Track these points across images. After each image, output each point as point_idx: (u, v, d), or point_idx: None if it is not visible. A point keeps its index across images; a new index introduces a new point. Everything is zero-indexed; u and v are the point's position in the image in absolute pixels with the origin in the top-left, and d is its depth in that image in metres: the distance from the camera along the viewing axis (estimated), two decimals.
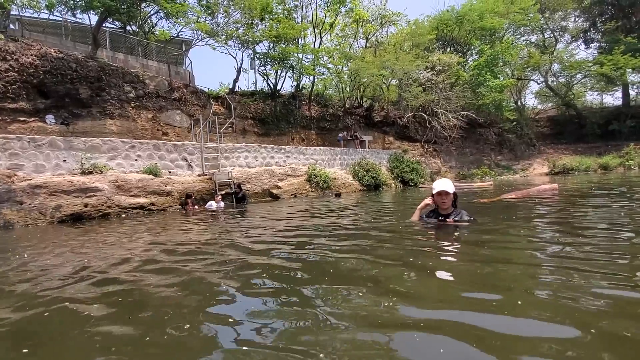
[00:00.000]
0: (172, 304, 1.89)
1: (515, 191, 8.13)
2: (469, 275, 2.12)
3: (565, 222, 4.20)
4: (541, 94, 35.96)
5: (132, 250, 3.81)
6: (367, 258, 2.66)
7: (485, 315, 1.48)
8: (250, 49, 18.62)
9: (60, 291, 2.24)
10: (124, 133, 12.70)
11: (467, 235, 3.36)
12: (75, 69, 12.04)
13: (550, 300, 1.62)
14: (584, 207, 5.45)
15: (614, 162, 25.09)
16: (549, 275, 2.01)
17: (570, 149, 30.12)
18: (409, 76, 21.61)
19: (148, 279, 2.48)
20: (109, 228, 6.34)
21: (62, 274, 2.78)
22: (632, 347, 1.17)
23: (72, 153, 9.41)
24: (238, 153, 13.67)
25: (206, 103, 16.16)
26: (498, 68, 26.15)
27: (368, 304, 1.72)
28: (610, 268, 2.07)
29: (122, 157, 10.39)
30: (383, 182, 17.20)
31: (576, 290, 1.70)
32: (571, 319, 1.39)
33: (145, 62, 15.70)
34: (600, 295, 1.62)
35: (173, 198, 10.14)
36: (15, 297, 2.19)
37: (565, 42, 33.29)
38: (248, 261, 2.86)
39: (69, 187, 8.37)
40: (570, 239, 3.05)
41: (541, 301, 1.62)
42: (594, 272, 1.96)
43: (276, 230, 4.85)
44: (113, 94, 12.81)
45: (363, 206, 8.22)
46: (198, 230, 5.44)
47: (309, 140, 20.01)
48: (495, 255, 2.59)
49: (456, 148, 26.11)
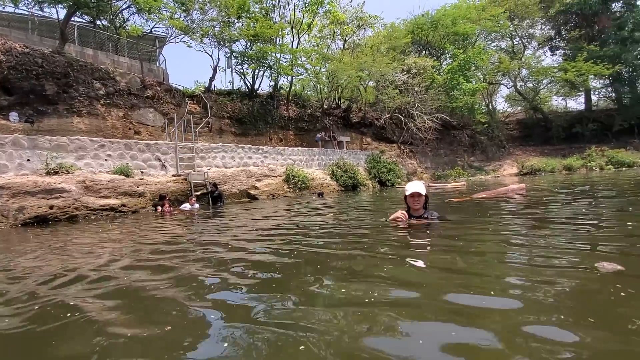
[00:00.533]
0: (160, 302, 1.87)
1: (486, 191, 8.46)
2: (444, 262, 2.26)
3: (533, 217, 4.44)
4: (511, 98, 37.55)
5: (103, 253, 3.69)
6: (345, 253, 2.76)
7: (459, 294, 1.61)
8: (226, 47, 18.37)
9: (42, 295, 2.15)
10: (93, 132, 12.21)
11: (440, 231, 3.49)
12: (41, 64, 11.47)
13: (520, 282, 1.82)
14: (550, 204, 5.78)
15: (577, 164, 26.56)
16: (518, 263, 2.23)
17: (538, 151, 31.61)
18: (385, 78, 22.02)
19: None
20: (78, 230, 6.09)
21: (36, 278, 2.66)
22: (592, 315, 1.40)
23: (37, 152, 8.95)
24: (214, 153, 13.45)
25: (181, 102, 15.78)
26: (470, 72, 27.12)
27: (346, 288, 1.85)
28: (573, 254, 2.35)
29: (91, 156, 9.99)
30: (361, 183, 17.41)
31: (541, 274, 1.92)
32: (536, 296, 1.60)
33: (116, 58, 15.16)
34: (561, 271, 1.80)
35: (146, 199, 9.84)
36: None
37: (533, 48, 35.02)
38: (227, 259, 2.85)
39: (33, 188, 7.95)
40: (537, 232, 3.28)
41: (511, 284, 1.80)
42: (557, 256, 2.21)
43: (260, 229, 4.83)
44: (81, 91, 12.28)
45: (341, 206, 8.30)
46: (171, 231, 5.32)
47: (287, 140, 19.96)
48: (467, 246, 2.77)
49: (431, 149, 26.80)
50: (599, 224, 3.62)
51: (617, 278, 1.77)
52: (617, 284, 1.69)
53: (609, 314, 1.42)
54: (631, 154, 26.76)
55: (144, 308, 1.86)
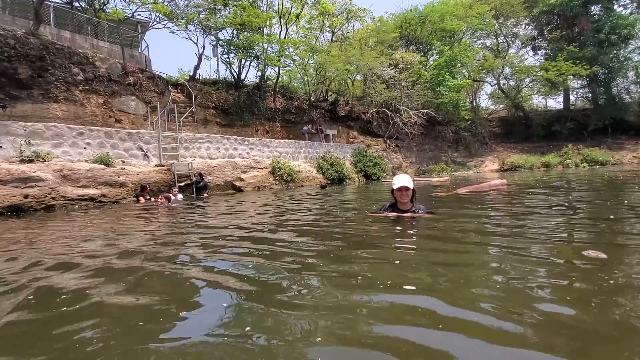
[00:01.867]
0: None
1: (469, 186, 8.62)
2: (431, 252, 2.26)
3: (517, 210, 4.53)
4: (494, 96, 38.28)
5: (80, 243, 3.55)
6: (333, 244, 2.73)
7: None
8: (212, 35, 17.88)
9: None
10: (70, 119, 11.71)
11: (428, 223, 3.52)
12: (13, 45, 10.86)
13: (499, 267, 1.85)
14: (531, 197, 5.94)
15: (555, 161, 27.46)
16: (499, 251, 2.26)
17: (518, 148, 32.46)
18: (373, 72, 22.02)
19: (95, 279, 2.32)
20: (55, 221, 5.85)
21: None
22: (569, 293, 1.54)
23: (10, 139, 8.53)
24: (199, 143, 13.17)
25: (164, 90, 15.32)
26: (456, 69, 27.44)
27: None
28: (551, 242, 2.47)
29: (69, 144, 9.60)
30: (347, 176, 17.46)
31: (523, 262, 2.00)
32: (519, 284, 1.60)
33: (95, 43, 14.53)
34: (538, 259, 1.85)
35: (127, 189, 9.56)
36: None
37: (516, 47, 35.75)
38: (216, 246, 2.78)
39: (5, 177, 7.58)
40: (519, 222, 3.36)
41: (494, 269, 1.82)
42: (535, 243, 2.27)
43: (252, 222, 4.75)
44: (58, 76, 11.72)
45: (329, 198, 8.29)
46: (147, 223, 5.18)
47: (274, 132, 19.75)
48: (454, 236, 2.79)
49: (416, 144, 27.10)
50: (579, 216, 3.75)
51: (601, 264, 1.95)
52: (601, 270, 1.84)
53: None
54: (604, 152, 27.87)
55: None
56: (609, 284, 1.64)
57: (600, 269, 1.86)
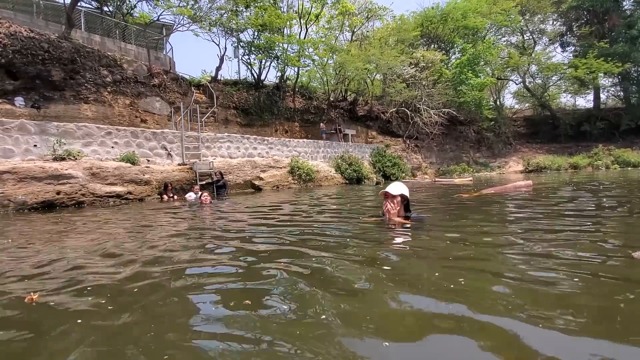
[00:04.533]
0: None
1: (493, 187, 8.39)
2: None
3: (545, 212, 4.37)
4: (519, 94, 37.07)
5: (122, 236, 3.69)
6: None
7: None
8: (234, 36, 18.19)
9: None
10: (99, 119, 12.20)
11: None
12: (47, 49, 11.41)
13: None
14: (566, 200, 5.73)
15: (584, 162, 26.31)
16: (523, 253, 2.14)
17: (544, 148, 31.31)
18: (393, 71, 21.78)
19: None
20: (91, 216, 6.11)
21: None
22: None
23: (44, 138, 8.96)
24: (220, 143, 13.42)
25: (187, 90, 15.71)
26: (479, 67, 26.74)
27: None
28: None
29: (98, 143, 9.99)
30: (365, 176, 17.36)
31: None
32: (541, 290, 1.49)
33: (123, 46, 15.06)
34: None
35: (151, 187, 9.87)
36: None
37: (543, 44, 34.42)
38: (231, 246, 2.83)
39: (40, 174, 7.98)
40: (563, 226, 3.22)
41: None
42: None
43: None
44: (88, 78, 12.24)
45: (342, 197, 8.28)
46: (180, 220, 5.32)
47: (293, 132, 19.88)
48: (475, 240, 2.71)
49: (437, 144, 26.61)
50: (614, 217, 3.57)
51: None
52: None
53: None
54: (637, 154, 26.46)
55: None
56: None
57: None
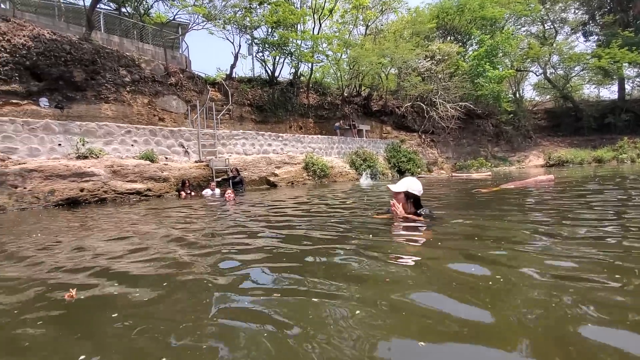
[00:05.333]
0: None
1: (513, 182, 8.19)
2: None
3: (572, 206, 4.23)
4: (539, 86, 35.91)
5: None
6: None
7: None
8: (248, 34, 18.29)
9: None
10: (119, 118, 12.52)
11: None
12: (69, 51, 11.77)
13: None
14: (587, 192, 5.53)
15: (608, 155, 25.32)
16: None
17: (566, 142, 30.28)
18: (408, 65, 21.45)
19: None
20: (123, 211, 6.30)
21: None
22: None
23: (68, 137, 9.28)
24: (235, 140, 13.57)
25: (203, 89, 15.93)
26: (497, 59, 26.01)
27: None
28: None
29: (118, 142, 10.27)
30: (380, 172, 17.24)
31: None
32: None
33: (140, 46, 15.38)
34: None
35: (170, 184, 10.08)
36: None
37: (565, 34, 33.16)
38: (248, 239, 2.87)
39: (64, 172, 8.27)
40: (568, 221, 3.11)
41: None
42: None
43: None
44: (108, 78, 12.57)
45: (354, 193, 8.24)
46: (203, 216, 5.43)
47: (307, 128, 19.90)
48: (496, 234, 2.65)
49: (453, 139, 26.12)
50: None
51: None
52: None
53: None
54: None
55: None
56: None
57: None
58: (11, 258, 2.80)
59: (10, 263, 2.62)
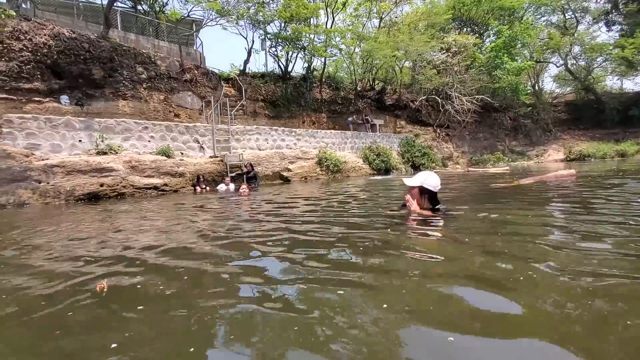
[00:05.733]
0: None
1: (533, 176, 7.98)
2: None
3: (599, 201, 4.10)
4: (560, 78, 34.77)
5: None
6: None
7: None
8: (261, 29, 18.29)
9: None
10: (136, 114, 12.75)
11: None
12: (88, 49, 12.02)
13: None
14: (612, 185, 5.34)
15: (632, 149, 24.35)
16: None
17: (588, 135, 29.30)
18: (423, 58, 21.08)
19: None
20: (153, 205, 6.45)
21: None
22: None
23: (88, 133, 9.52)
24: (249, 135, 13.66)
25: (217, 85, 16.05)
26: (516, 50, 25.30)
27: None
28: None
29: (136, 138, 10.48)
30: (393, 167, 17.09)
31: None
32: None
33: (156, 43, 15.57)
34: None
35: (185, 179, 10.25)
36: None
37: (587, 23, 31.90)
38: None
39: (85, 167, 8.50)
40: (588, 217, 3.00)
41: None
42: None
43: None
44: (125, 75, 12.79)
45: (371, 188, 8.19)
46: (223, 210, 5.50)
47: (320, 123, 19.84)
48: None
49: (469, 133, 25.62)
50: None
51: None
52: None
53: None
54: None
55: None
56: None
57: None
58: (42, 249, 2.90)
59: (42, 254, 2.71)
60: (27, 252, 2.82)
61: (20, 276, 2.09)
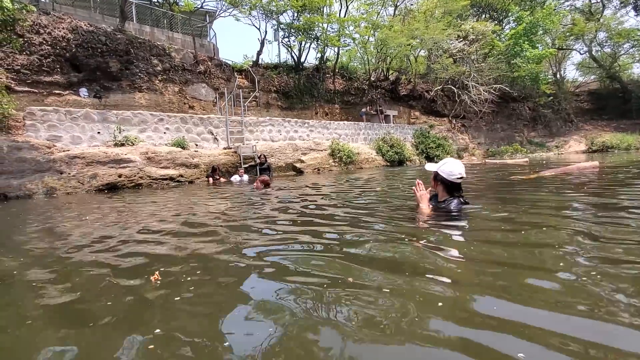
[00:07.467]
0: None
1: (553, 168, 7.75)
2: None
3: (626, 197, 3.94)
4: (583, 66, 33.44)
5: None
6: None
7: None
8: (274, 19, 18.17)
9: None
10: (152, 106, 12.94)
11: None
12: (104, 42, 12.21)
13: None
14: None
15: None
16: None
17: (612, 126, 28.20)
18: (439, 46, 20.56)
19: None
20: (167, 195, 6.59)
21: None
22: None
23: (106, 125, 9.73)
24: (262, 127, 13.69)
25: (230, 76, 16.10)
26: (537, 37, 24.37)
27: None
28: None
29: (152, 129, 10.65)
30: (407, 158, 16.88)
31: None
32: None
33: (170, 35, 15.69)
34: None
35: (200, 170, 10.39)
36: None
37: (614, 8, 30.32)
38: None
39: (103, 158, 8.72)
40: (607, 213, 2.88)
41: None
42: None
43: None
44: (141, 67, 12.96)
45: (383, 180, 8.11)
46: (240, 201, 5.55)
47: (333, 114, 19.72)
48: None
49: (486, 123, 25.02)
50: None
51: None
52: None
53: None
54: None
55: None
56: None
57: None
58: (72, 239, 3.00)
59: (76, 243, 2.80)
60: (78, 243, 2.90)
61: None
